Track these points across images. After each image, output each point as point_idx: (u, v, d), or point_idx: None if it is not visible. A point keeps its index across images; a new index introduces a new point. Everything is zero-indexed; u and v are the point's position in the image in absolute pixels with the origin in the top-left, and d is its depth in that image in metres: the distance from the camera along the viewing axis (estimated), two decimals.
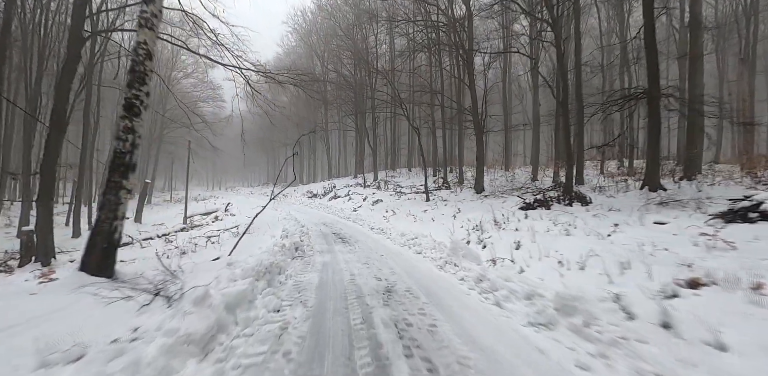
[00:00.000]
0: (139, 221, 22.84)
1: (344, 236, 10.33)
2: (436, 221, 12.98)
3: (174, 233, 18.03)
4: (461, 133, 24.04)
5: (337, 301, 4.00)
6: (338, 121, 32.40)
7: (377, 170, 28.92)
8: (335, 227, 12.74)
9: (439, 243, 7.54)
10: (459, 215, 13.25)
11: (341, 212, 18.69)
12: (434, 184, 23.69)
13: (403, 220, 14.88)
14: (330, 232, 11.28)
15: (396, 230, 10.99)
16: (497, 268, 6.06)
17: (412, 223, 13.80)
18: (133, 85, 4.62)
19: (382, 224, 13.29)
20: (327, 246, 8.24)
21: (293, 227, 10.35)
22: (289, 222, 12.11)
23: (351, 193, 24.69)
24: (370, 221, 14.11)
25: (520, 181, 22.27)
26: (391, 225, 12.65)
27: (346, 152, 39.91)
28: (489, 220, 10.65)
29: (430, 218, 13.77)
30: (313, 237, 9.76)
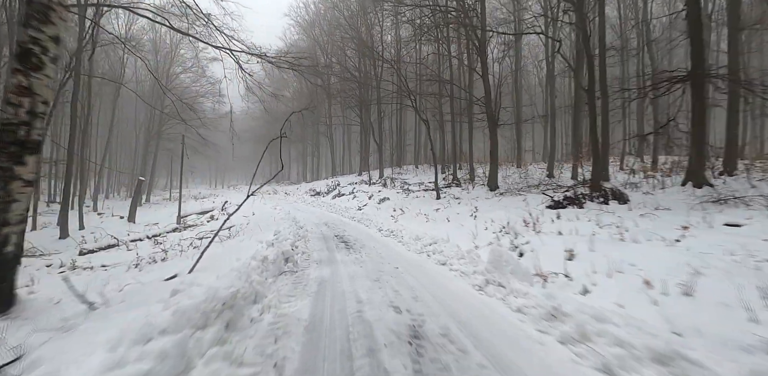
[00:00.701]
0: (133, 220, 21.34)
1: (348, 239, 8.72)
2: (452, 221, 11.32)
3: (165, 233, 16.50)
4: (471, 127, 22.32)
5: (336, 362, 2.38)
6: (342, 115, 30.71)
7: (383, 167, 27.25)
8: (338, 229, 11.13)
9: (468, 252, 5.87)
10: (478, 214, 11.58)
11: (345, 212, 17.08)
12: (444, 182, 22.01)
13: (414, 220, 13.26)
14: (332, 234, 9.66)
15: (408, 231, 9.35)
16: (549, 286, 4.43)
17: (423, 223, 12.17)
18: (30, 23, 3.02)
19: (390, 224, 11.66)
20: (327, 254, 6.64)
21: (290, 228, 8.75)
22: (286, 223, 10.49)
23: (356, 191, 23.07)
24: (378, 221, 12.48)
25: (535, 178, 20.57)
26: (401, 226, 11.01)
27: (351, 149, 38.27)
28: (516, 220, 8.98)
29: (444, 218, 12.11)
30: (312, 241, 8.16)
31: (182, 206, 26.19)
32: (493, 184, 17.83)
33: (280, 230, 7.17)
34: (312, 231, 10.37)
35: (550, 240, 6.44)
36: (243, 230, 11.39)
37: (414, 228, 10.55)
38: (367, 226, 11.99)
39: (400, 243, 8.24)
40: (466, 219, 10.86)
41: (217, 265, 4.49)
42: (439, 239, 7.37)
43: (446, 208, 14.47)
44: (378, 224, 11.86)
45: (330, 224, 12.54)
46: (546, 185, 16.51)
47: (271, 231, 8.31)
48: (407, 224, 12.09)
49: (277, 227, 9.08)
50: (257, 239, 6.96)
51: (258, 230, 9.18)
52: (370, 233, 10.30)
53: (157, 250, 12.34)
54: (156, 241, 14.51)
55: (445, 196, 17.77)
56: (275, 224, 10.67)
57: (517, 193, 15.78)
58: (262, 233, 7.89)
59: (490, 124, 18.36)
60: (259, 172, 43.03)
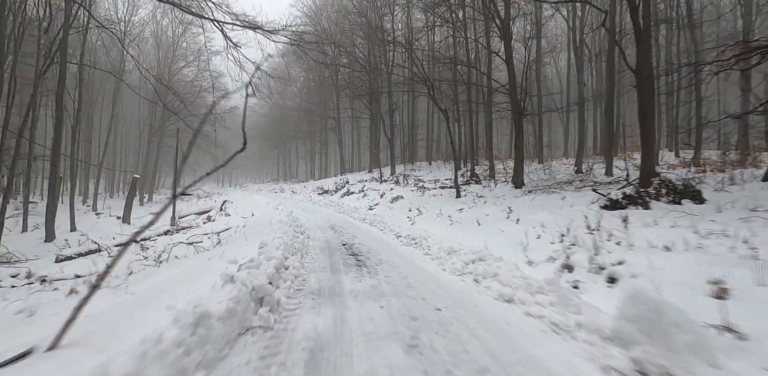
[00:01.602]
0: (127, 221, 19.53)
1: (360, 250, 6.66)
2: (485, 224, 9.19)
3: (156, 236, 14.62)
4: (491, 117, 20.08)
5: None
6: (350, 107, 28.59)
7: (394, 164, 25.16)
8: (347, 234, 9.07)
9: (549, 282, 3.70)
10: (512, 215, 9.45)
11: (355, 212, 15.04)
12: (461, 178, 19.89)
13: (435, 222, 11.17)
14: (339, 243, 7.62)
15: (434, 239, 7.26)
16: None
17: (447, 226, 10.08)
18: None
19: (409, 228, 9.58)
20: (331, 277, 4.59)
21: (284, 236, 6.72)
22: (282, 228, 8.44)
23: (366, 188, 21.03)
24: (392, 224, 10.40)
25: (561, 174, 18.35)
26: (422, 230, 8.93)
27: (360, 145, 36.20)
28: (574, 226, 6.83)
29: (472, 221, 9.98)
30: (312, 254, 6.13)
31: (184, 205, 24.40)
32: (518, 181, 15.68)
33: (267, 242, 5.13)
34: (315, 237, 8.32)
35: (658, 259, 4.29)
36: (231, 237, 9.41)
37: (439, 233, 8.46)
38: (382, 229, 9.91)
39: (428, 257, 6.15)
40: (503, 223, 8.71)
41: (115, 329, 2.42)
42: (484, 254, 5.26)
43: (471, 208, 12.34)
44: (394, 227, 9.78)
45: (337, 227, 10.50)
46: (584, 182, 14.30)
47: (263, 239, 6.29)
48: (429, 227, 10.00)
49: (270, 233, 7.03)
50: (234, 254, 4.94)
51: (244, 239, 7.20)
52: (386, 240, 8.21)
53: (138, 257, 10.48)
54: (142, 246, 12.62)
55: (466, 194, 15.66)
56: (271, 229, 8.64)
57: (548, 190, 13.63)
58: (247, 245, 5.87)
59: (515, 114, 16.16)
60: (264, 172, 41.45)
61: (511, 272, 4.27)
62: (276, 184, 37.25)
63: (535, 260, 5.75)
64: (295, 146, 42.01)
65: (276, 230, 7.53)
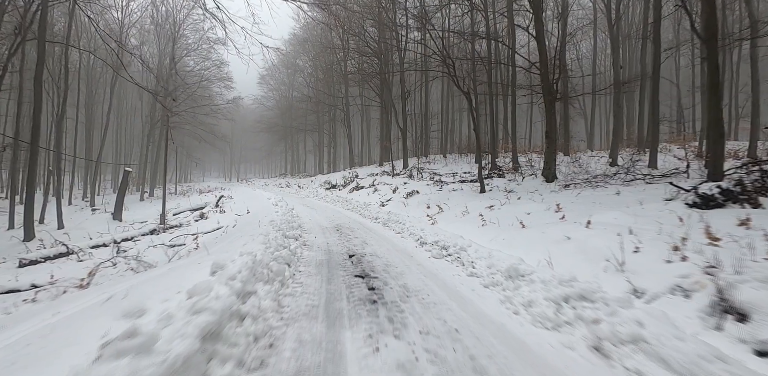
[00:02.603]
0: (119, 217, 17.75)
1: (373, 267, 4.55)
2: (530, 227, 6.99)
3: (140, 236, 12.74)
4: (514, 102, 17.76)
5: None
6: (360, 94, 26.34)
7: (407, 156, 22.97)
8: (355, 238, 6.97)
9: None
10: (570, 215, 7.25)
11: (365, 209, 12.95)
12: (484, 172, 17.72)
13: (460, 222, 9.05)
14: (344, 252, 5.55)
15: (473, 248, 5.15)
16: None
17: (479, 228, 7.95)
18: None
19: (433, 230, 7.46)
20: (322, 334, 2.51)
21: (267, 245, 4.67)
22: (271, 231, 6.33)
23: (377, 183, 18.91)
24: (411, 224, 8.29)
25: (594, 167, 16.04)
26: (450, 233, 6.82)
27: (370, 138, 34.01)
28: (661, 230, 4.65)
29: (511, 221, 7.81)
30: (303, 274, 4.09)
31: (182, 200, 22.60)
32: (550, 173, 13.45)
33: (225, 263, 3.03)
34: (313, 244, 6.24)
35: None
36: (216, 240, 7.40)
37: (476, 239, 6.33)
38: (399, 232, 7.79)
39: (476, 281, 3.99)
40: (560, 226, 6.52)
41: None
42: (578, 285, 3.11)
43: (504, 204, 10.13)
44: (414, 228, 7.67)
45: (344, 229, 8.41)
46: (627, 175, 12.00)
47: (224, 255, 4.23)
48: (455, 228, 7.88)
49: (246, 242, 4.96)
50: (163, 287, 2.91)
51: (205, 252, 5.15)
52: (407, 248, 6.07)
53: (107, 264, 8.59)
54: (119, 248, 10.72)
55: (491, 188, 13.46)
56: (263, 230, 6.55)
57: (590, 184, 11.39)
58: (200, 264, 3.79)
59: (547, 97, 13.85)
60: (272, 166, 38.90)
61: (665, 331, 2.14)
62: (283, 179, 35.33)
63: (647, 290, 3.60)
64: (303, 139, 39.94)
65: (256, 237, 5.45)
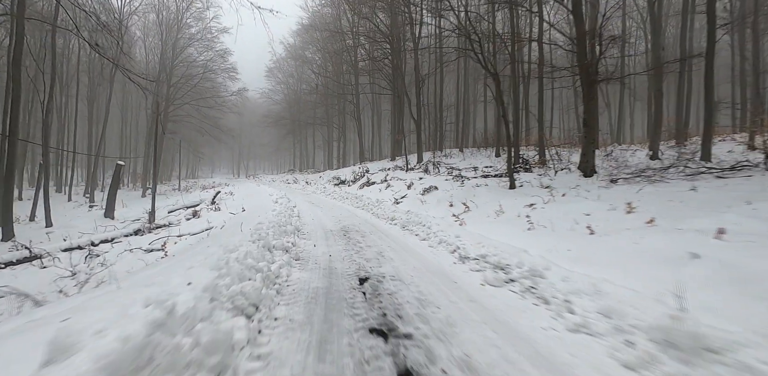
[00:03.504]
0: (111, 215, 16.14)
1: (401, 310, 2.68)
2: (607, 234, 5.06)
3: (122, 237, 11.04)
4: (542, 86, 15.61)
5: None
6: (371, 83, 24.32)
7: (421, 149, 21.01)
8: (368, 248, 5.10)
9: None
10: (662, 222, 5.26)
11: (377, 207, 11.06)
12: (502, 165, 15.75)
13: (496, 223, 7.18)
14: (352, 273, 3.70)
15: (559, 271, 3.24)
16: None
17: (524, 232, 6.09)
18: None
19: (468, 235, 5.56)
20: None
21: (242, 260, 2.87)
22: (257, 238, 4.48)
23: (389, 178, 17.03)
24: (438, 227, 6.39)
25: (633, 161, 13.88)
26: (503, 243, 4.92)
27: (381, 133, 32.04)
28: None
29: (569, 225, 5.88)
30: (279, 329, 2.29)
31: (181, 197, 20.99)
32: (588, 167, 11.39)
33: (75, 343, 1.31)
34: (309, 260, 4.38)
35: None
36: (199, 242, 5.61)
37: (531, 248, 4.42)
38: (425, 239, 5.88)
39: (614, 361, 2.12)
40: (661, 235, 4.56)
41: None
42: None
43: (547, 203, 8.16)
44: (443, 233, 5.76)
45: (353, 232, 6.55)
46: (688, 168, 9.90)
47: (166, 282, 2.44)
48: (493, 232, 5.98)
49: (197, 265, 3.15)
50: None
51: (116, 286, 3.37)
52: (445, 268, 4.11)
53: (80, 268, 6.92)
54: (90, 253, 9.02)
55: (521, 184, 11.44)
56: (246, 236, 4.71)
57: (645, 180, 9.35)
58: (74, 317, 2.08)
59: (585, 81, 11.76)
60: (281, 162, 36.50)
61: None
62: (291, 175, 33.61)
63: None
64: (312, 133, 38.12)
65: (211, 256, 3.59)
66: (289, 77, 38.92)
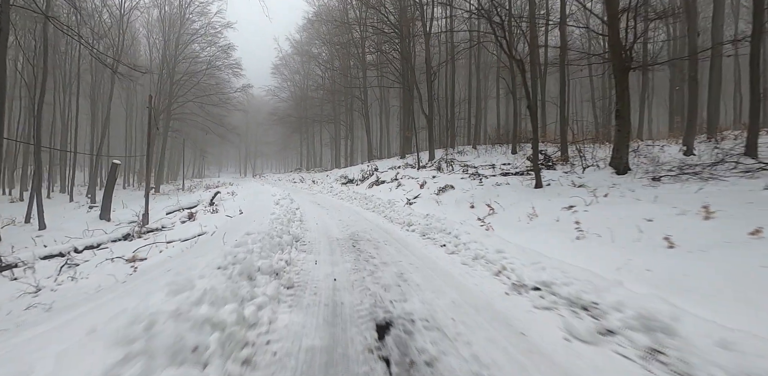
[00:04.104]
0: (107, 217, 15.16)
1: None
2: (708, 249, 3.80)
3: (109, 242, 9.98)
4: (564, 75, 14.22)
5: None
6: (379, 75, 23.09)
7: (433, 147, 19.76)
8: (384, 268, 3.89)
9: None
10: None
11: (390, 208, 9.86)
12: (522, 162, 14.47)
13: (530, 229, 5.98)
14: (367, 315, 2.54)
15: (696, 323, 2.02)
16: None
17: (572, 242, 4.84)
18: None
19: (511, 249, 4.35)
20: None
21: (180, 322, 1.75)
22: (230, 263, 3.34)
23: (400, 177, 15.83)
24: (467, 236, 5.18)
25: (663, 157, 12.47)
26: (569, 264, 3.70)
27: (389, 130, 30.79)
28: None
29: (634, 235, 4.61)
30: None
31: (183, 197, 20.00)
32: (621, 164, 10.07)
33: None
34: (305, 289, 3.19)
35: None
36: (151, 267, 4.47)
37: (590, 266, 3.19)
38: (454, 252, 4.65)
39: None
40: None
41: None
42: None
43: (590, 204, 6.88)
44: (477, 245, 4.55)
45: (363, 242, 5.36)
46: (740, 164, 8.54)
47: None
48: (531, 241, 4.78)
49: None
50: None
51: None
52: (495, 302, 2.87)
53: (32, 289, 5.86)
54: (69, 262, 7.96)
55: (548, 183, 10.16)
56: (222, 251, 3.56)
57: (694, 177, 8.05)
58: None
59: (617, 69, 10.40)
60: (288, 161, 35.06)
61: None
62: (297, 174, 32.56)
63: None
64: (319, 131, 36.96)
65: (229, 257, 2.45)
66: (295, 74, 37.83)
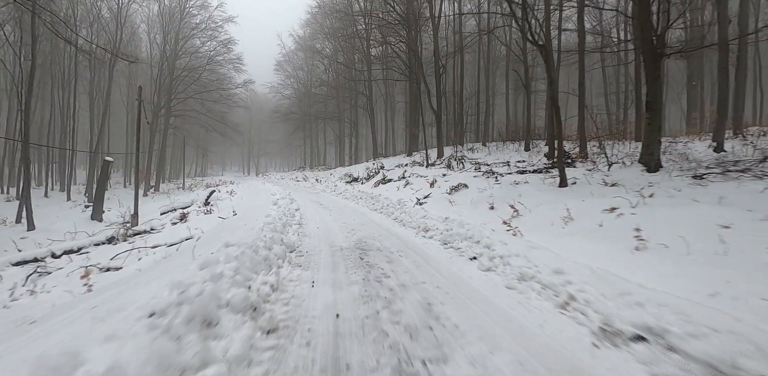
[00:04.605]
0: (98, 218, 14.24)
1: None
2: None
3: (91, 246, 9.04)
4: (582, 64, 13.09)
5: None
6: (384, 66, 21.99)
7: (442, 143, 18.70)
8: (404, 293, 2.87)
9: None
10: None
11: (399, 209, 8.84)
12: (536, 159, 13.40)
13: (568, 235, 4.97)
14: None
15: None
16: None
17: (632, 254, 3.74)
18: None
19: (551, 259, 3.32)
20: None
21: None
22: (189, 297, 2.38)
23: (408, 175, 14.80)
24: (502, 246, 4.16)
25: (692, 154, 11.33)
26: (663, 293, 2.68)
27: (394, 128, 29.73)
28: None
29: (714, 247, 3.54)
30: None
31: (182, 196, 19.10)
32: (652, 160, 8.97)
33: None
34: (293, 342, 2.20)
35: None
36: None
37: (676, 291, 2.12)
38: (491, 269, 3.60)
39: None
40: None
41: None
42: None
43: (636, 206, 5.82)
44: (518, 262, 3.53)
45: (373, 252, 4.35)
46: None
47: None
48: (586, 253, 3.71)
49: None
50: None
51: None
52: (584, 365, 1.90)
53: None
54: (38, 269, 7.02)
55: (573, 182, 9.10)
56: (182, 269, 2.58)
57: (739, 175, 7.01)
58: None
59: (648, 56, 9.30)
60: (292, 159, 33.71)
61: None
62: (300, 172, 31.59)
63: None
64: (323, 129, 35.91)
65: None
66: (298, 70, 36.78)
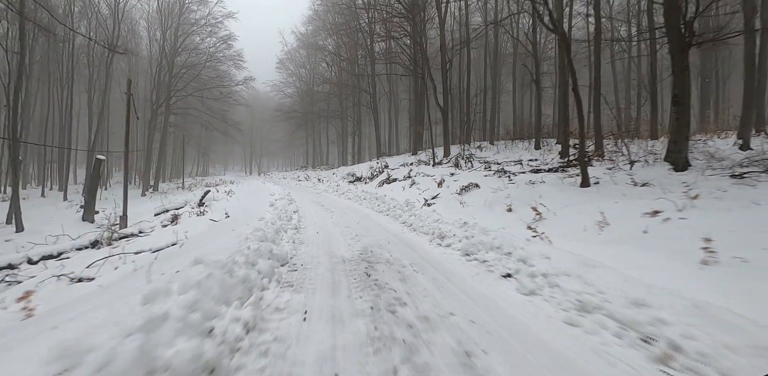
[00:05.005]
0: (90, 219, 13.52)
1: None
2: None
3: (73, 250, 8.31)
4: (599, 54, 12.12)
5: None
6: (388, 61, 21.09)
7: (449, 142, 17.87)
8: (430, 337, 2.07)
9: None
10: None
11: (407, 211, 8.04)
12: (550, 157, 12.57)
13: (608, 245, 4.10)
14: None
15: None
16: None
17: (695, 268, 3.01)
18: None
19: (622, 284, 2.52)
20: None
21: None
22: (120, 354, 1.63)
23: (414, 174, 13.99)
24: (544, 261, 3.37)
25: (717, 152, 10.40)
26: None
27: (398, 127, 28.90)
28: None
29: None
30: None
31: (182, 196, 18.39)
32: (680, 158, 8.11)
33: None
34: None
35: None
36: None
37: None
38: (535, 292, 2.83)
39: None
40: None
41: None
42: None
43: (682, 210, 4.96)
44: (572, 284, 2.75)
45: (381, 266, 3.55)
46: None
47: None
48: (638, 269, 2.90)
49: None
50: None
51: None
52: None
53: None
54: (7, 279, 6.28)
55: (596, 181, 8.27)
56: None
57: None
58: None
59: (676, 45, 8.42)
60: (294, 159, 32.70)
61: None
62: (302, 172, 30.86)
63: None
64: (325, 128, 35.12)
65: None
66: (300, 68, 36.02)
